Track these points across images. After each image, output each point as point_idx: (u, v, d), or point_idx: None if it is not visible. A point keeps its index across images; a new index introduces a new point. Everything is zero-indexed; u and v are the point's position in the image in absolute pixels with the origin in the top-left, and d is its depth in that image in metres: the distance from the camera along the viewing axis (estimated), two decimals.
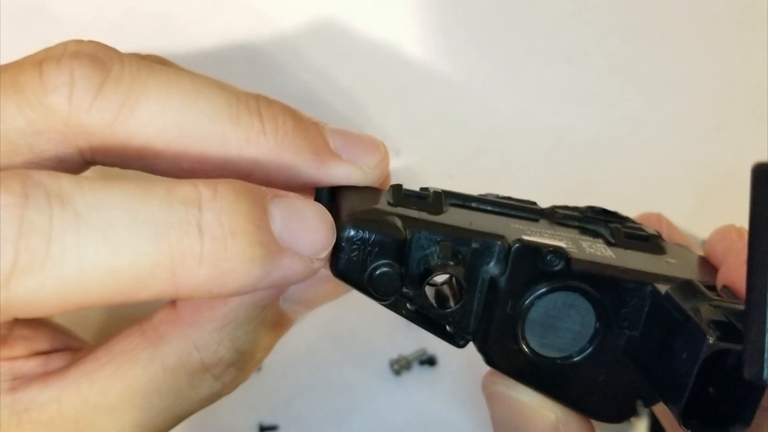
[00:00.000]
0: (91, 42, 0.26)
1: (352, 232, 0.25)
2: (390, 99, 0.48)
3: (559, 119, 0.50)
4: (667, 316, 0.26)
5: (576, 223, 0.30)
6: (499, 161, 0.50)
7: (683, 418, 0.24)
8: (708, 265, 0.31)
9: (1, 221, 0.21)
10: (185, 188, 0.23)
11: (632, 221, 0.32)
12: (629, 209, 0.36)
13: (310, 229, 0.25)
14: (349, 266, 0.25)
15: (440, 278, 0.27)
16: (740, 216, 0.31)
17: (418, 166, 0.48)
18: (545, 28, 0.50)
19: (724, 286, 0.28)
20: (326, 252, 0.25)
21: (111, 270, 0.22)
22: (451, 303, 0.27)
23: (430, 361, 0.48)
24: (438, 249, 0.26)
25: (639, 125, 0.51)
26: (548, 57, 0.50)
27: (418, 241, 0.26)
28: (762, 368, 0.20)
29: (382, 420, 0.46)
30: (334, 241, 0.25)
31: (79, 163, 0.26)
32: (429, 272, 0.26)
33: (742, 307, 0.24)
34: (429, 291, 0.26)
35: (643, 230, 0.30)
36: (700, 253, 0.32)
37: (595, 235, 0.30)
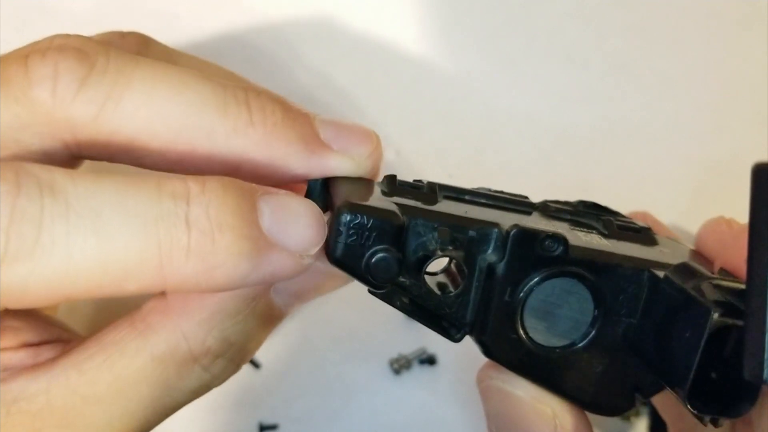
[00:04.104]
0: (77, 36, 0.26)
1: (349, 217, 0.25)
2: (389, 97, 0.48)
3: (558, 118, 0.50)
4: (666, 301, 0.26)
5: (568, 217, 0.30)
6: (499, 160, 0.50)
7: (689, 399, 0.24)
8: (700, 256, 0.31)
9: None
10: (174, 182, 0.24)
11: (623, 216, 0.32)
12: (628, 207, 0.36)
13: (301, 225, 0.25)
14: (346, 252, 0.25)
15: (437, 267, 0.27)
16: (738, 215, 0.31)
17: (417, 165, 0.48)
18: (545, 27, 0.50)
19: (722, 269, 0.28)
20: (316, 248, 0.25)
21: (99, 260, 0.22)
22: (451, 289, 0.27)
23: (429, 360, 0.48)
24: (436, 235, 0.25)
25: (639, 124, 0.51)
26: (548, 56, 0.50)
27: (415, 227, 0.25)
28: (762, 368, 0.20)
29: (382, 419, 0.46)
30: (325, 237, 0.25)
31: (66, 156, 0.26)
32: (427, 258, 0.25)
33: (741, 285, 0.25)
34: (428, 280, 0.26)
35: (635, 223, 0.31)
36: (692, 247, 0.32)
37: (588, 227, 0.30)
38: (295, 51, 0.47)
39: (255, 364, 0.46)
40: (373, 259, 0.25)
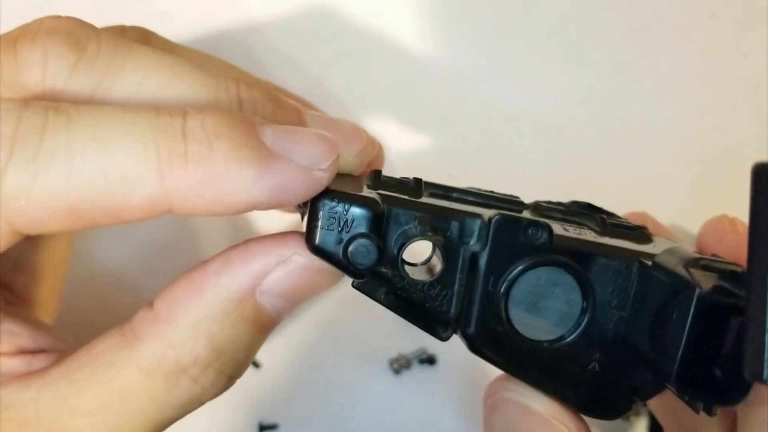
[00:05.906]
0: (68, 18, 0.26)
1: (327, 204, 0.24)
2: (389, 96, 0.48)
3: (558, 117, 0.50)
4: (656, 289, 0.25)
5: (560, 216, 0.29)
6: (499, 159, 0.50)
7: (678, 383, 0.23)
8: None
9: (1, 119, 0.22)
10: (172, 106, 0.24)
11: (617, 216, 0.31)
12: (629, 207, 0.36)
13: (307, 140, 0.24)
14: (324, 239, 0.24)
15: (419, 259, 0.27)
16: (738, 214, 0.31)
17: (417, 165, 0.48)
18: (545, 27, 0.50)
19: (713, 254, 0.27)
20: (328, 162, 0.24)
21: (99, 166, 0.23)
22: (433, 274, 0.26)
23: (429, 360, 0.47)
24: (416, 223, 0.25)
25: (638, 124, 0.51)
26: (548, 55, 0.50)
27: (397, 216, 0.25)
28: (762, 367, 0.20)
29: (382, 419, 0.46)
30: (337, 154, 0.25)
31: None
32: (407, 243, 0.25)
33: (733, 267, 0.24)
34: (408, 269, 0.26)
35: (629, 223, 0.30)
36: (692, 249, 0.32)
37: (580, 225, 0.29)
38: (295, 50, 0.47)
39: (255, 364, 0.46)
40: (351, 246, 0.24)
